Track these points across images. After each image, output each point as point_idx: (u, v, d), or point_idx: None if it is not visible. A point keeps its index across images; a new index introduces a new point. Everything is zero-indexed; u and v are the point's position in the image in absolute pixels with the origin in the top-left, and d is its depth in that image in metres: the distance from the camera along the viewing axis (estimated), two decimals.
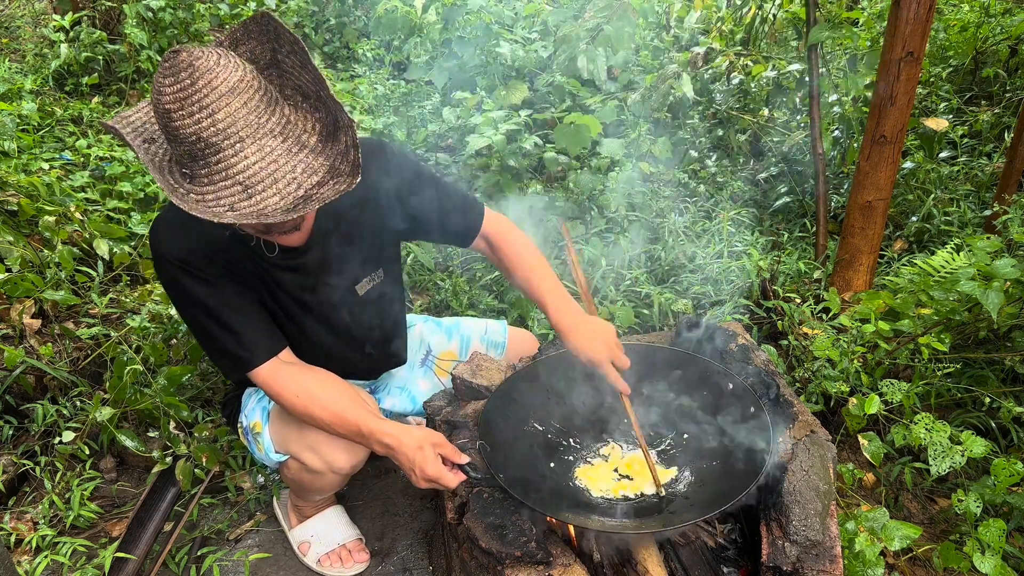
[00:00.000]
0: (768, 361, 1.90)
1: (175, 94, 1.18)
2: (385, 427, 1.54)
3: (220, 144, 1.21)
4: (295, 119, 1.30)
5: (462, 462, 1.50)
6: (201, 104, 1.18)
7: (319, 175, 1.28)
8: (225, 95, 1.19)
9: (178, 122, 1.20)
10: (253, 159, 1.23)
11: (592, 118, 2.88)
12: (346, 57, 5.72)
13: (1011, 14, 4.31)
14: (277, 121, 1.26)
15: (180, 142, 1.23)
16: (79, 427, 2.33)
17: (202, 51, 1.19)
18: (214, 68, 1.18)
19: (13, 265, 2.52)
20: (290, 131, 1.28)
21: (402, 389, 2.04)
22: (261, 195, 1.24)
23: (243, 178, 1.23)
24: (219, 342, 1.56)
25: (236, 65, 1.22)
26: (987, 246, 2.16)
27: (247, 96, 1.21)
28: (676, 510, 1.53)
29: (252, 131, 1.22)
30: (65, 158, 3.45)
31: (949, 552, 1.81)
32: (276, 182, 1.25)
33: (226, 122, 1.20)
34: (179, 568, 2.03)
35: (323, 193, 1.27)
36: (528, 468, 1.61)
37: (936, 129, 3.41)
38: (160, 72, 1.20)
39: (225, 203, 1.24)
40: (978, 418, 2.31)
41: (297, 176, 1.26)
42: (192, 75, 1.17)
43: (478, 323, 2.15)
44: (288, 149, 1.26)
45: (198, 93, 1.18)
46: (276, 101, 1.28)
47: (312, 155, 1.29)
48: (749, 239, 3.22)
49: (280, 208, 1.25)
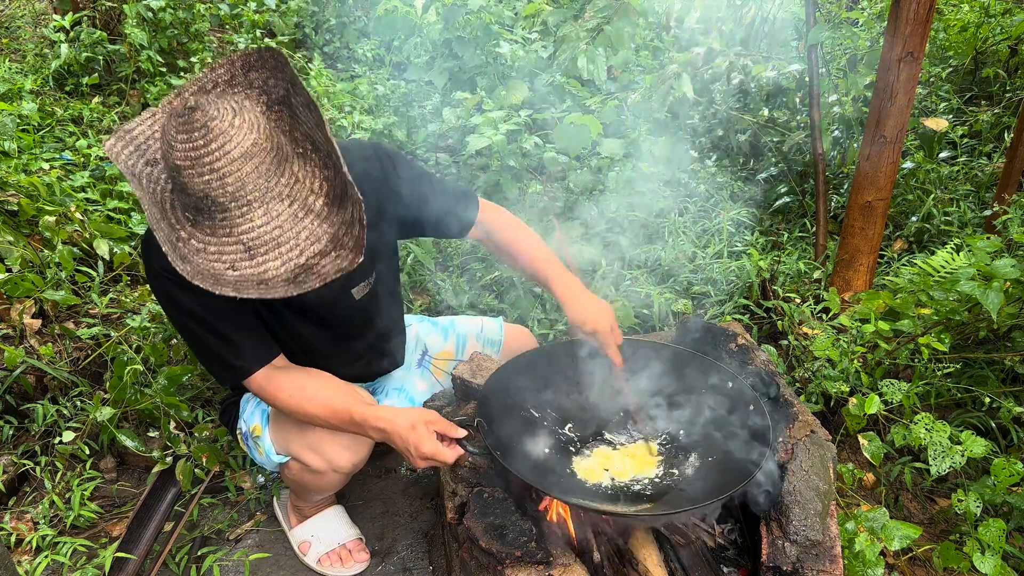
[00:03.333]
0: (768, 361, 1.90)
1: (187, 152, 1.18)
2: (377, 411, 1.54)
3: (227, 205, 1.22)
4: (303, 175, 1.30)
5: (458, 436, 1.49)
6: (212, 167, 1.18)
7: (322, 243, 1.28)
8: (238, 160, 1.19)
9: (187, 179, 1.20)
10: (259, 222, 1.24)
11: (592, 118, 2.88)
12: (346, 57, 5.72)
13: (1011, 14, 4.31)
14: (286, 183, 1.26)
15: (187, 194, 1.23)
16: (79, 427, 2.33)
17: (218, 109, 1.19)
18: (228, 131, 1.18)
19: (13, 265, 2.52)
20: (297, 192, 1.28)
21: (400, 390, 2.04)
22: (263, 258, 1.25)
23: (247, 239, 1.24)
24: (213, 352, 1.57)
25: (251, 126, 1.21)
26: (987, 246, 2.16)
27: (259, 160, 1.22)
28: (671, 502, 1.53)
29: (260, 195, 1.23)
30: (65, 158, 3.45)
31: (949, 552, 1.81)
32: (279, 247, 1.26)
33: (235, 186, 1.20)
34: (179, 568, 2.03)
35: (324, 267, 1.28)
36: (524, 452, 1.62)
37: (936, 129, 3.41)
38: (173, 125, 1.19)
39: (227, 260, 1.26)
40: (978, 418, 2.31)
41: (300, 243, 1.27)
42: (206, 136, 1.17)
43: (474, 321, 2.15)
44: (294, 214, 1.27)
45: (210, 155, 1.18)
46: (286, 158, 1.28)
47: (317, 220, 1.29)
48: (749, 239, 3.22)
49: (280, 275, 1.26)
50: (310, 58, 5.39)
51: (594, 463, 1.69)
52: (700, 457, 1.65)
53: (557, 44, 2.96)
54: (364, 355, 1.84)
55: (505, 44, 3.51)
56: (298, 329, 1.67)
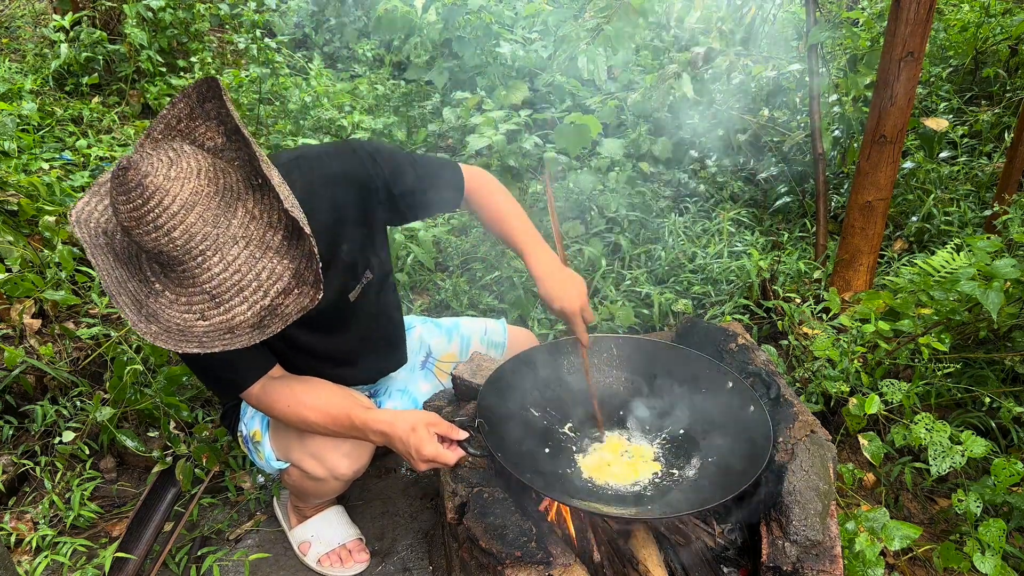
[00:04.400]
0: (768, 361, 1.90)
1: (129, 213, 1.18)
2: (377, 415, 1.54)
3: (182, 258, 1.22)
4: (259, 211, 1.28)
5: (459, 438, 1.49)
6: (156, 224, 1.18)
7: (284, 280, 1.27)
8: (178, 213, 1.18)
9: (138, 239, 1.20)
10: (217, 270, 1.23)
11: (592, 118, 2.88)
12: (346, 57, 5.72)
13: (1011, 14, 4.31)
14: (239, 223, 1.25)
15: (147, 252, 1.23)
16: (79, 427, 2.33)
17: (151, 164, 1.17)
18: (163, 185, 1.16)
19: (13, 265, 2.52)
20: (254, 231, 1.26)
21: (403, 392, 2.04)
22: (228, 303, 1.25)
23: (209, 288, 1.24)
24: (210, 369, 1.56)
25: (188, 173, 1.19)
26: (987, 246, 2.16)
27: (202, 208, 1.20)
28: (672, 502, 1.53)
29: (212, 243, 1.22)
30: (65, 158, 3.45)
31: (949, 552, 1.81)
32: (242, 291, 1.25)
33: (184, 239, 1.20)
34: (179, 568, 2.03)
35: (287, 308, 1.28)
36: (524, 452, 1.62)
37: (936, 129, 3.41)
38: (113, 187, 1.18)
39: (196, 310, 1.26)
40: (978, 418, 2.31)
41: (263, 283, 1.26)
42: (143, 195, 1.16)
43: (477, 323, 2.15)
44: (251, 255, 1.26)
45: (151, 213, 1.17)
46: (237, 197, 1.26)
47: (277, 257, 1.28)
48: (749, 239, 3.22)
49: (248, 320, 1.26)
50: (310, 58, 5.40)
51: (594, 463, 1.69)
52: (700, 458, 1.65)
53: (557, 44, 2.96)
54: (366, 354, 1.83)
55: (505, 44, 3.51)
56: (298, 338, 1.66)
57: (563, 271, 1.73)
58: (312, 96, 4.28)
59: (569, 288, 1.70)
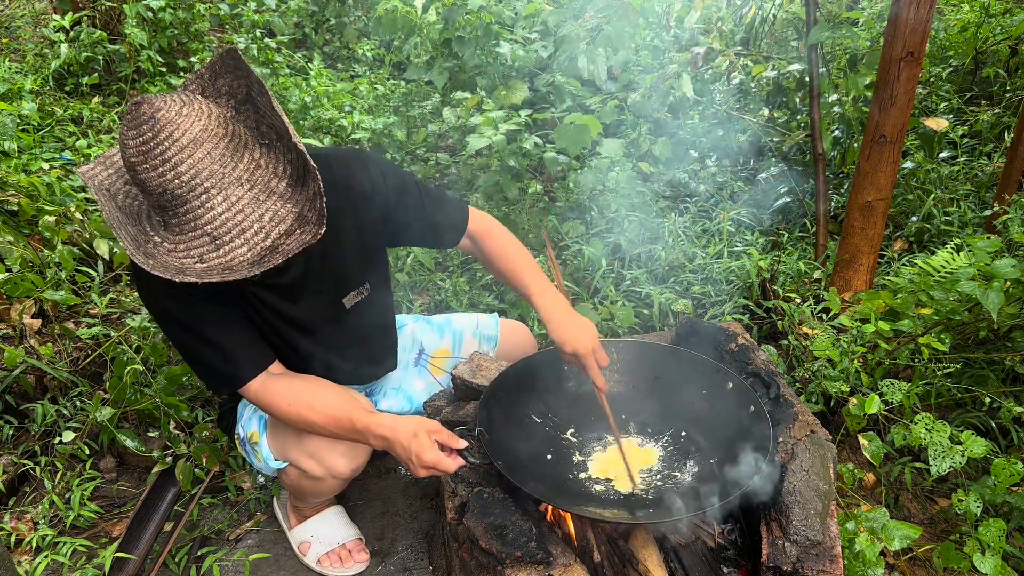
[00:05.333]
0: (768, 361, 1.90)
1: (138, 147, 1.19)
2: (379, 419, 1.53)
3: (186, 196, 1.22)
4: (265, 162, 1.30)
5: (460, 447, 1.49)
6: (163, 157, 1.18)
7: (287, 223, 1.28)
8: (187, 147, 1.19)
9: (143, 175, 1.20)
10: (220, 209, 1.24)
11: (592, 118, 2.88)
12: (346, 57, 5.72)
13: (1011, 14, 4.31)
14: (245, 168, 1.26)
15: (149, 193, 1.24)
16: (79, 427, 2.33)
17: (164, 101, 1.19)
18: (175, 120, 1.18)
19: (13, 265, 2.52)
20: (259, 177, 1.27)
21: (397, 390, 2.04)
22: (229, 245, 1.25)
23: (211, 229, 1.24)
24: (207, 360, 1.56)
25: (199, 112, 1.21)
26: (987, 246, 2.16)
27: (211, 146, 1.21)
28: (672, 505, 1.53)
29: (217, 181, 1.23)
30: (65, 158, 3.45)
31: (949, 552, 1.81)
32: (243, 232, 1.25)
33: (190, 174, 1.20)
34: (179, 568, 2.03)
35: (288, 245, 1.27)
36: (526, 458, 1.62)
37: (936, 129, 3.41)
38: (123, 124, 1.20)
39: (195, 254, 1.25)
40: (978, 418, 2.31)
41: (265, 225, 1.27)
42: (153, 127, 1.17)
43: (469, 318, 2.15)
44: (255, 197, 1.26)
45: (160, 146, 1.18)
46: (245, 145, 1.27)
47: (280, 201, 1.29)
48: (749, 239, 3.22)
49: (247, 260, 1.25)
50: (310, 58, 5.40)
51: (597, 468, 1.68)
52: (701, 459, 1.65)
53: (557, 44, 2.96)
54: (356, 362, 1.83)
55: (505, 44, 3.51)
56: (291, 338, 1.67)
57: (573, 315, 1.71)
58: (312, 96, 4.28)
59: (580, 331, 1.67)
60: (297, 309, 1.63)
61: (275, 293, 1.59)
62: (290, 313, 1.62)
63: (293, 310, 1.62)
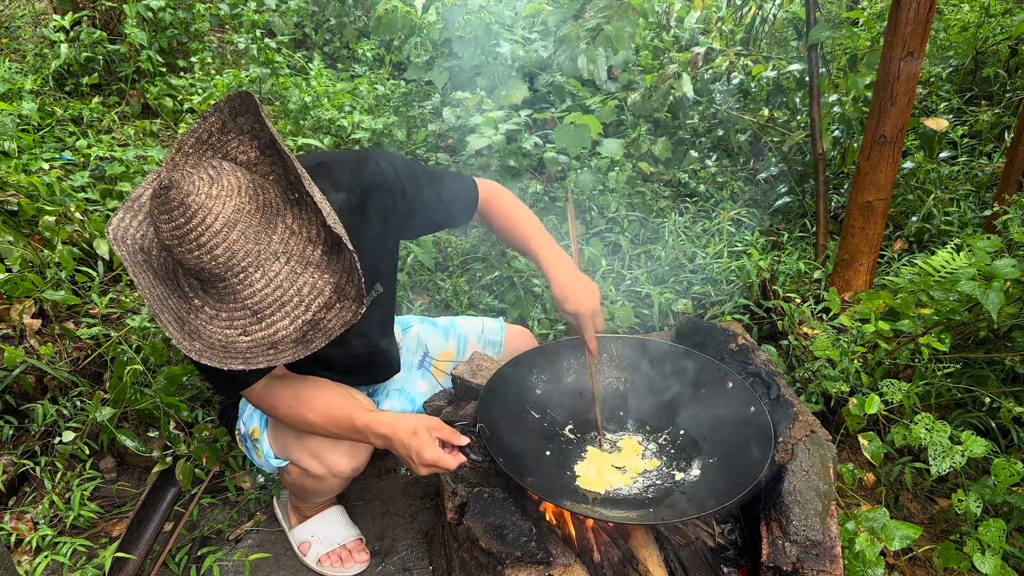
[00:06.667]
0: (768, 361, 1.90)
1: (171, 231, 1.18)
2: (379, 418, 1.54)
3: (224, 275, 1.22)
4: (298, 227, 1.29)
5: (461, 443, 1.49)
6: (198, 243, 1.18)
7: (325, 295, 1.28)
8: (221, 231, 1.19)
9: (179, 256, 1.21)
10: (259, 285, 1.24)
11: (592, 118, 2.88)
12: (346, 57, 5.72)
13: (1011, 14, 4.31)
14: (280, 239, 1.26)
15: (188, 269, 1.24)
16: (79, 427, 2.33)
17: (192, 183, 1.17)
18: (205, 203, 1.17)
19: (13, 265, 2.52)
20: (294, 247, 1.27)
21: (400, 391, 2.04)
22: (270, 319, 1.26)
23: (251, 304, 1.25)
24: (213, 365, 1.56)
25: (229, 191, 1.20)
26: (987, 246, 2.16)
27: (244, 225, 1.21)
28: (674, 505, 1.53)
29: (254, 259, 1.23)
30: (65, 158, 3.45)
31: (949, 552, 1.81)
32: (283, 306, 1.26)
33: (226, 256, 1.20)
34: (179, 568, 2.03)
35: (330, 323, 1.28)
36: (525, 455, 1.62)
37: (936, 129, 3.40)
38: (155, 205, 1.19)
39: (238, 326, 1.26)
40: (978, 418, 2.31)
41: (304, 298, 1.27)
42: (185, 213, 1.17)
43: (474, 322, 2.15)
44: (292, 270, 1.26)
45: (193, 231, 1.18)
46: (277, 213, 1.27)
47: (318, 272, 1.29)
48: (749, 239, 3.22)
49: (290, 335, 1.26)
50: (310, 58, 5.40)
51: (596, 466, 1.68)
52: (701, 459, 1.65)
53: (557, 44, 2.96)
54: (358, 369, 1.84)
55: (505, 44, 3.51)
56: None
57: (579, 275, 1.74)
58: (312, 96, 4.28)
59: (583, 291, 1.70)
60: None
61: None
62: None
63: None
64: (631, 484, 1.63)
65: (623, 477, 1.64)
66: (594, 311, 1.70)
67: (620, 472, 1.66)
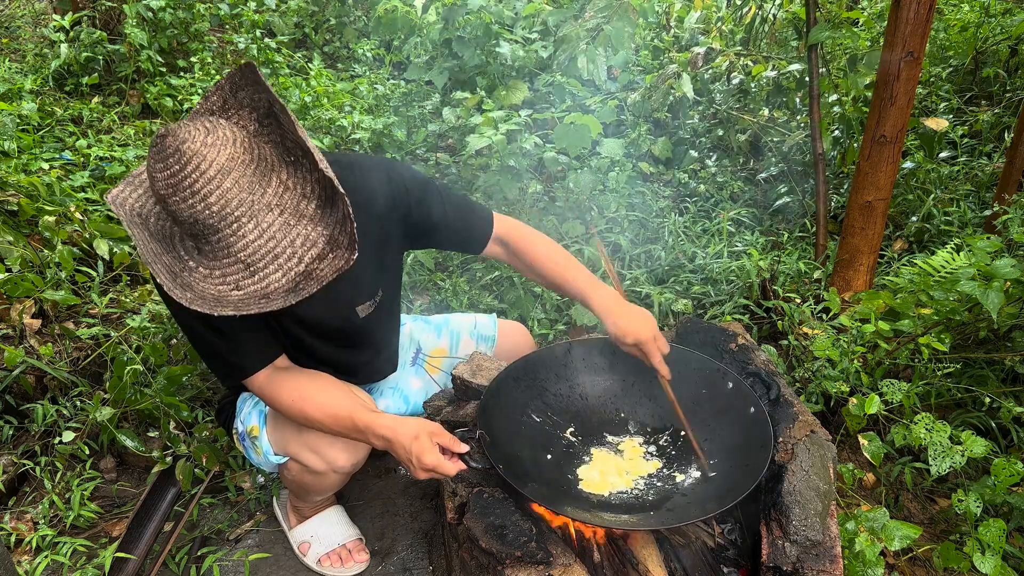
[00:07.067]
0: (768, 361, 1.90)
1: (166, 180, 1.19)
2: (381, 419, 1.54)
3: (217, 225, 1.23)
4: (293, 183, 1.30)
5: (461, 451, 1.49)
6: (192, 189, 1.19)
7: (319, 247, 1.29)
8: (215, 177, 1.19)
9: (173, 207, 1.21)
10: (252, 237, 1.24)
11: (592, 118, 2.88)
12: (346, 57, 5.72)
13: (1011, 14, 4.31)
14: (274, 192, 1.26)
15: (180, 223, 1.25)
16: (79, 427, 2.33)
17: (188, 131, 1.19)
18: (200, 151, 1.18)
19: (13, 265, 2.52)
20: (288, 200, 1.28)
21: (394, 389, 2.04)
22: (263, 272, 1.26)
23: (244, 256, 1.25)
24: (216, 350, 1.56)
25: (224, 140, 1.21)
26: (987, 246, 2.16)
27: (238, 174, 1.22)
28: (675, 507, 1.53)
29: (247, 209, 1.23)
30: (65, 158, 3.45)
31: (949, 552, 1.81)
32: (276, 258, 1.26)
33: (219, 204, 1.21)
34: (179, 568, 2.03)
35: (322, 270, 1.28)
36: (526, 459, 1.62)
37: (936, 129, 3.40)
38: (150, 155, 1.21)
39: (230, 281, 1.26)
40: (978, 418, 2.31)
41: (297, 250, 1.27)
42: (180, 160, 1.18)
43: (467, 318, 2.15)
44: (285, 222, 1.27)
45: (188, 178, 1.18)
46: (272, 168, 1.28)
47: (311, 224, 1.29)
48: (749, 239, 3.22)
49: (283, 287, 1.26)
50: (310, 58, 5.40)
51: (597, 468, 1.68)
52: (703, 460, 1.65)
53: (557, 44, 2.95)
54: (360, 367, 1.84)
55: (505, 44, 3.51)
56: (301, 338, 1.67)
57: (629, 306, 1.72)
58: (312, 96, 4.28)
59: (640, 321, 1.68)
60: (313, 314, 1.63)
61: None
62: (304, 318, 1.63)
63: (308, 314, 1.62)
64: (633, 486, 1.63)
65: (625, 479, 1.64)
66: (655, 336, 1.68)
67: (623, 475, 1.66)
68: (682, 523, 1.48)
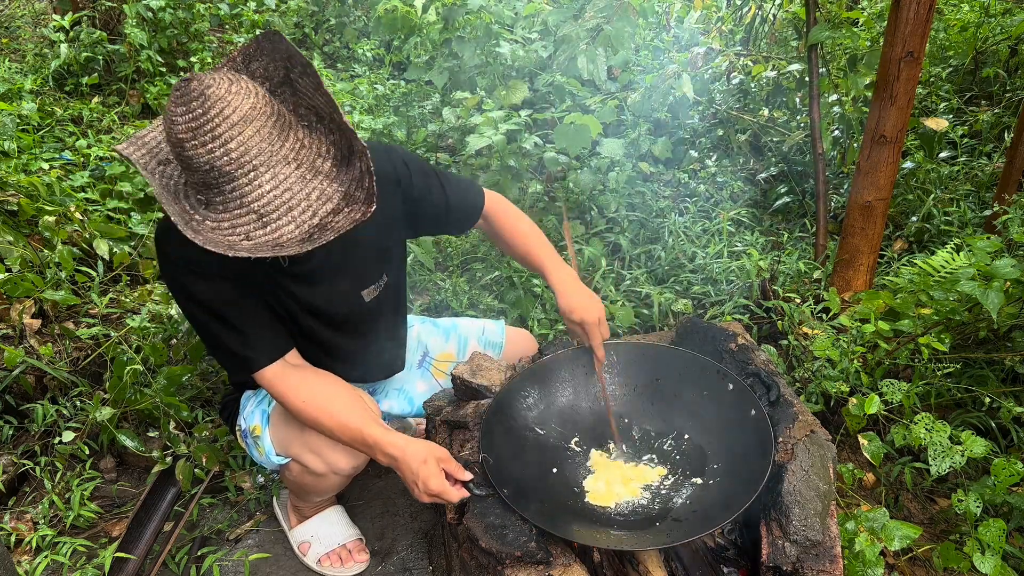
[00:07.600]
0: (768, 361, 1.90)
1: (187, 123, 1.18)
2: (390, 437, 1.53)
3: (234, 173, 1.22)
4: (309, 142, 1.30)
5: (465, 479, 1.50)
6: (214, 134, 1.18)
7: (334, 202, 1.28)
8: (238, 124, 1.19)
9: (191, 152, 1.20)
10: (267, 187, 1.24)
11: (592, 118, 2.88)
12: (346, 57, 5.72)
13: (1011, 14, 4.31)
14: (291, 147, 1.26)
15: (194, 171, 1.23)
16: (79, 427, 2.33)
17: (213, 79, 1.19)
18: (225, 96, 1.18)
19: (13, 265, 2.52)
20: (304, 156, 1.28)
21: (400, 391, 2.04)
22: (276, 223, 1.25)
23: (258, 207, 1.24)
24: (224, 342, 1.56)
25: (248, 91, 1.22)
26: (987, 246, 2.16)
27: (260, 123, 1.22)
28: (680, 516, 1.53)
29: (266, 159, 1.23)
30: (65, 158, 3.45)
31: (949, 552, 1.81)
32: (291, 210, 1.25)
33: (239, 151, 1.20)
34: (179, 568, 2.03)
35: (338, 222, 1.27)
36: (531, 476, 1.61)
37: (936, 129, 3.40)
38: (172, 100, 1.20)
39: (241, 232, 1.25)
40: (978, 418, 2.31)
41: (312, 204, 1.27)
42: (204, 104, 1.18)
43: (475, 323, 2.15)
44: (302, 176, 1.27)
45: (210, 123, 1.18)
46: (289, 125, 1.28)
47: (327, 181, 1.29)
48: (749, 239, 3.22)
49: (295, 238, 1.25)
50: (310, 58, 5.40)
51: (602, 479, 1.67)
52: (705, 465, 1.65)
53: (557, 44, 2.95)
54: (368, 357, 1.84)
55: (505, 44, 3.50)
56: (309, 326, 1.67)
57: (582, 287, 1.79)
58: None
59: (588, 301, 1.75)
60: (319, 300, 1.63)
61: (300, 281, 1.59)
62: (312, 303, 1.63)
63: (316, 300, 1.63)
64: (639, 495, 1.62)
65: (631, 488, 1.64)
66: (600, 320, 1.74)
67: (628, 483, 1.65)
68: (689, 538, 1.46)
